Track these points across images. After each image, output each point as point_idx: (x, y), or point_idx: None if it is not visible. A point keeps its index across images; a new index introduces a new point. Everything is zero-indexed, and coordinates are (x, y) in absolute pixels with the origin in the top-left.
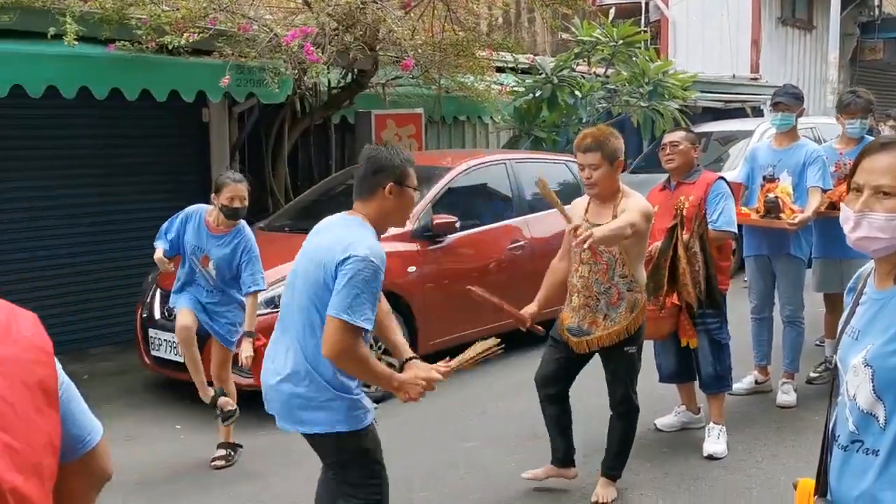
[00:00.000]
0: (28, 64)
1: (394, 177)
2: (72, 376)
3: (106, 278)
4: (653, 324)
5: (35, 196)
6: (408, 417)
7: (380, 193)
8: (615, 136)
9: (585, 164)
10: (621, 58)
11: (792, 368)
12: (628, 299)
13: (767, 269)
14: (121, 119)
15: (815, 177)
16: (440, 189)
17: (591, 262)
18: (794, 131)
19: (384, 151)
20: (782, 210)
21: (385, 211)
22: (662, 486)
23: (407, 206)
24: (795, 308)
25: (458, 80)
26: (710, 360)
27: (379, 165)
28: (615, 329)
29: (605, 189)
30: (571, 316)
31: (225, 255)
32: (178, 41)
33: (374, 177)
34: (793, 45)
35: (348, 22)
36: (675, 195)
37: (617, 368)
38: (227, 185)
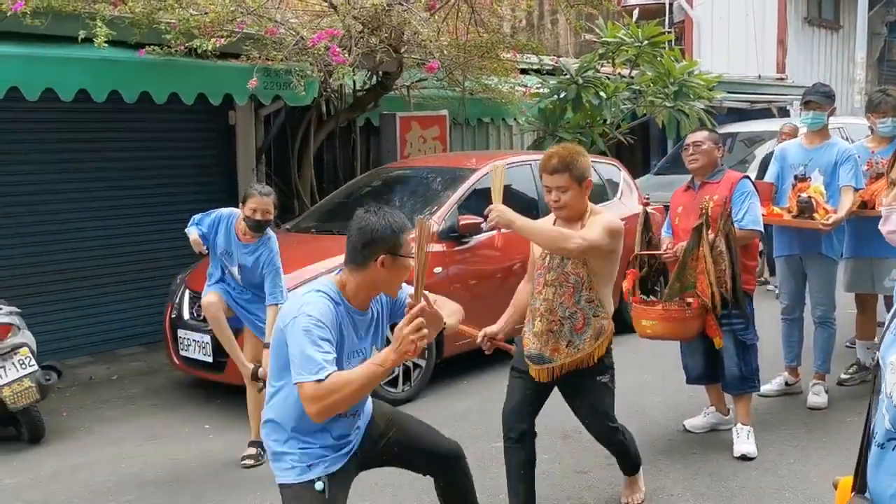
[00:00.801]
0: (59, 68)
1: (386, 248)
2: (101, 377)
3: (134, 279)
4: (680, 324)
5: (65, 198)
6: (437, 417)
7: (372, 265)
8: (583, 154)
9: (553, 186)
10: (646, 58)
11: (823, 370)
12: (594, 325)
13: (799, 269)
14: (149, 122)
15: (848, 176)
16: (466, 190)
17: (556, 283)
18: (825, 130)
19: (375, 220)
20: (815, 210)
21: (376, 282)
22: (692, 486)
23: (400, 276)
24: (827, 308)
25: (482, 82)
26: (734, 360)
27: (370, 238)
28: (578, 357)
29: (575, 211)
30: (533, 341)
31: (248, 264)
32: (206, 45)
33: (364, 249)
34: (819, 45)
35: (374, 24)
36: (700, 195)
37: (591, 401)
38: (252, 196)
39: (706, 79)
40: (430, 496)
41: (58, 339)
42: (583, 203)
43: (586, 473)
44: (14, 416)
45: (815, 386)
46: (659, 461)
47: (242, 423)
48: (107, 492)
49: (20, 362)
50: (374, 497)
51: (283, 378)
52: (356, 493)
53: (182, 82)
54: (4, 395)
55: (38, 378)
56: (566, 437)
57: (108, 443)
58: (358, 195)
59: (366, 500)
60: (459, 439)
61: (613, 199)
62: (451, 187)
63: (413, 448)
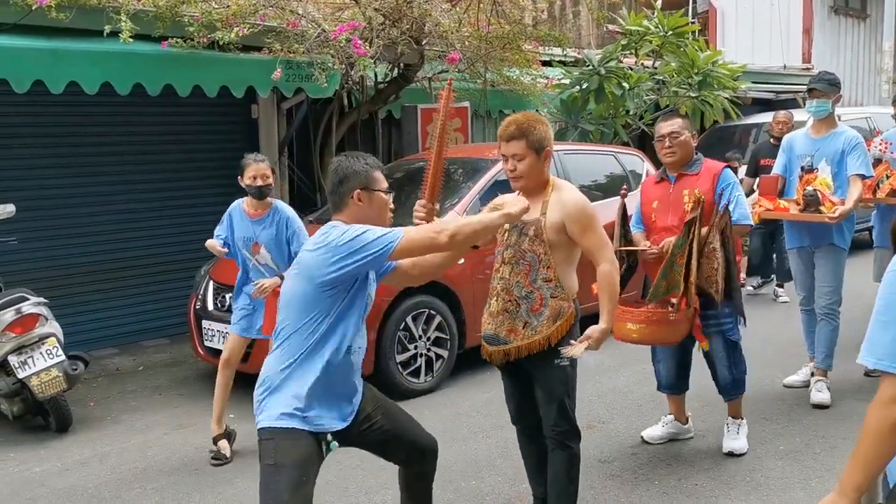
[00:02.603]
0: (84, 61)
1: (359, 183)
2: (127, 368)
3: (158, 272)
4: (669, 328)
5: (89, 192)
6: (459, 407)
7: (350, 202)
8: (542, 122)
9: (508, 154)
10: (670, 48)
11: (825, 365)
12: (552, 306)
13: (810, 260)
14: (172, 116)
15: (856, 164)
16: (487, 181)
17: (512, 261)
18: (831, 119)
19: (346, 160)
20: (822, 203)
21: (359, 217)
22: (716, 476)
23: (381, 209)
24: (832, 301)
25: (503, 73)
26: (725, 362)
27: (342, 175)
28: (535, 339)
29: (532, 181)
30: (489, 322)
31: (272, 236)
32: (228, 37)
33: (340, 187)
34: (846, 34)
35: (395, 16)
36: (678, 188)
37: (549, 385)
38: (247, 165)
39: (731, 69)
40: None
41: (84, 331)
42: (542, 174)
43: (610, 463)
44: (42, 405)
45: (817, 382)
46: (686, 450)
47: None
48: (133, 479)
49: (48, 352)
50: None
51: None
52: (363, 488)
53: (205, 75)
54: (32, 385)
55: (66, 368)
56: (590, 426)
57: (134, 432)
58: None
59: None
60: (482, 429)
61: (636, 189)
62: (473, 178)
63: (397, 437)
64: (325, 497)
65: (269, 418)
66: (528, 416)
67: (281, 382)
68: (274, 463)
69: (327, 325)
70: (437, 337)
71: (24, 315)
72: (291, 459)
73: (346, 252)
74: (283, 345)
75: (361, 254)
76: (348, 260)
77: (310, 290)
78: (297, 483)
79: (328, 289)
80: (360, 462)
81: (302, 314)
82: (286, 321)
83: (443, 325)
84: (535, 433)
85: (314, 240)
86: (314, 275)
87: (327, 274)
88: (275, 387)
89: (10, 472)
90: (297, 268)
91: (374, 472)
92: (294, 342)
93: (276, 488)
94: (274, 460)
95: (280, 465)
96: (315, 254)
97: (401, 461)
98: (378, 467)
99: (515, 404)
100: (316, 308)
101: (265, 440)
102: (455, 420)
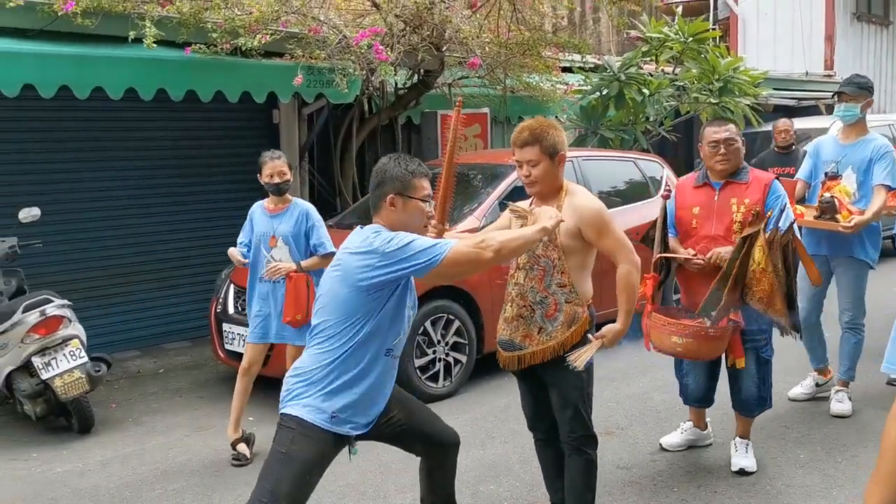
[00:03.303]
0: (109, 67)
1: (395, 188)
2: (148, 370)
3: (180, 275)
4: (712, 343)
5: (113, 196)
6: (478, 412)
7: (384, 205)
8: (555, 128)
9: (523, 160)
10: (691, 55)
11: (847, 377)
12: (566, 312)
13: (826, 270)
14: (195, 122)
15: (882, 174)
16: (506, 186)
17: (527, 267)
18: (861, 124)
19: (390, 163)
20: (839, 211)
21: (393, 222)
22: (737, 484)
23: (415, 217)
24: (856, 314)
25: (523, 79)
26: (755, 379)
27: (382, 177)
28: (550, 345)
29: (547, 187)
30: (504, 328)
31: (289, 229)
32: (250, 43)
33: (378, 189)
34: (869, 41)
35: (416, 22)
36: (724, 195)
37: (563, 391)
38: (264, 163)
39: (752, 75)
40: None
41: (107, 334)
42: (556, 179)
43: (628, 469)
44: (65, 406)
45: (838, 393)
46: (701, 458)
47: None
48: (154, 480)
49: (71, 354)
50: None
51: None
52: (381, 492)
53: (227, 80)
54: (56, 386)
55: (88, 369)
56: (608, 432)
57: (155, 433)
58: None
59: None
60: (499, 434)
61: (656, 196)
62: (492, 184)
63: (416, 431)
64: (344, 501)
65: (296, 407)
66: (544, 421)
67: (318, 377)
68: (286, 452)
69: (369, 328)
70: (455, 342)
71: (48, 317)
72: (304, 456)
73: (392, 259)
74: (322, 344)
75: (408, 262)
76: (394, 266)
77: (352, 293)
78: (300, 480)
79: (372, 292)
80: (379, 465)
81: (343, 317)
82: (327, 322)
83: (461, 329)
84: (551, 439)
85: (357, 242)
86: (358, 277)
87: (372, 278)
88: (311, 380)
89: (32, 472)
90: (338, 269)
91: (392, 475)
92: (335, 343)
93: (279, 477)
94: (287, 449)
95: (291, 458)
96: (358, 257)
97: (420, 453)
98: (397, 470)
99: (531, 410)
100: (358, 311)
101: (286, 427)
102: (473, 425)
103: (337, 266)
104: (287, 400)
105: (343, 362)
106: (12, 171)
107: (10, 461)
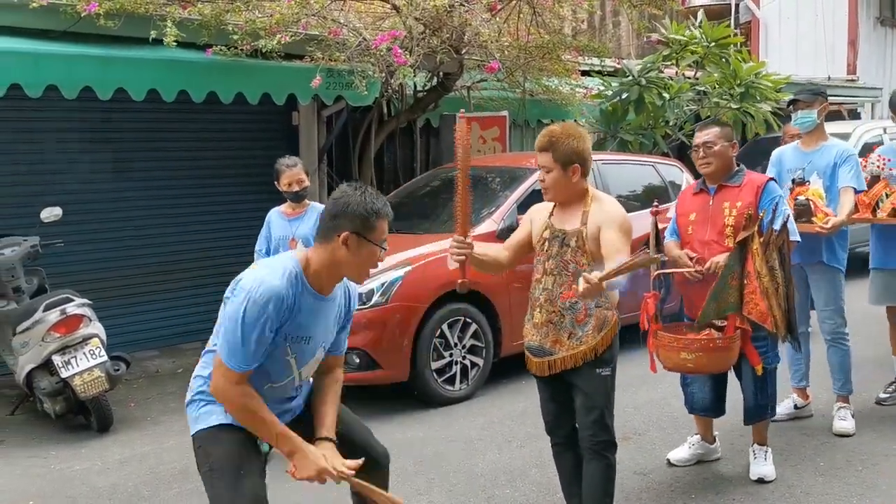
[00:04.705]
0: (131, 68)
1: (354, 226)
2: (167, 370)
3: (198, 276)
4: (723, 354)
5: (133, 196)
6: (494, 416)
7: (334, 240)
8: (576, 137)
9: (540, 164)
10: (713, 59)
11: (845, 391)
12: (596, 316)
13: (801, 278)
14: (215, 122)
15: (848, 177)
16: (525, 190)
17: (555, 272)
18: (820, 131)
19: (354, 195)
20: (814, 213)
21: (336, 261)
22: (756, 492)
23: (364, 263)
24: (836, 323)
25: (542, 83)
26: (752, 388)
27: (340, 210)
28: (581, 349)
29: (559, 195)
30: (533, 333)
31: (308, 230)
32: (271, 44)
33: (332, 220)
34: (892, 46)
35: (435, 25)
36: (718, 200)
37: (590, 394)
38: (281, 173)
39: (774, 80)
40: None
41: (125, 333)
42: (568, 188)
43: (646, 475)
44: (84, 404)
45: (840, 410)
46: (719, 465)
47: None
48: (172, 479)
49: (90, 352)
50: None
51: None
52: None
53: (247, 82)
54: (75, 384)
55: (108, 368)
56: (626, 438)
57: (173, 433)
58: (417, 195)
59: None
60: (515, 437)
61: (675, 201)
62: (510, 187)
63: (349, 441)
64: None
65: (194, 426)
66: (564, 426)
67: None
68: (209, 468)
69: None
70: (472, 345)
71: (68, 316)
72: (220, 458)
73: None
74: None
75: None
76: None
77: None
78: (234, 479)
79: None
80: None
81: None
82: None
83: (478, 333)
84: (570, 444)
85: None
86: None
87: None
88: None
89: (51, 469)
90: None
91: (408, 478)
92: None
93: (218, 493)
94: (208, 465)
95: (213, 469)
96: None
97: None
98: (413, 473)
99: (553, 414)
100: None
101: (196, 449)
102: (489, 428)
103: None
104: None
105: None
106: (35, 171)
107: (30, 458)
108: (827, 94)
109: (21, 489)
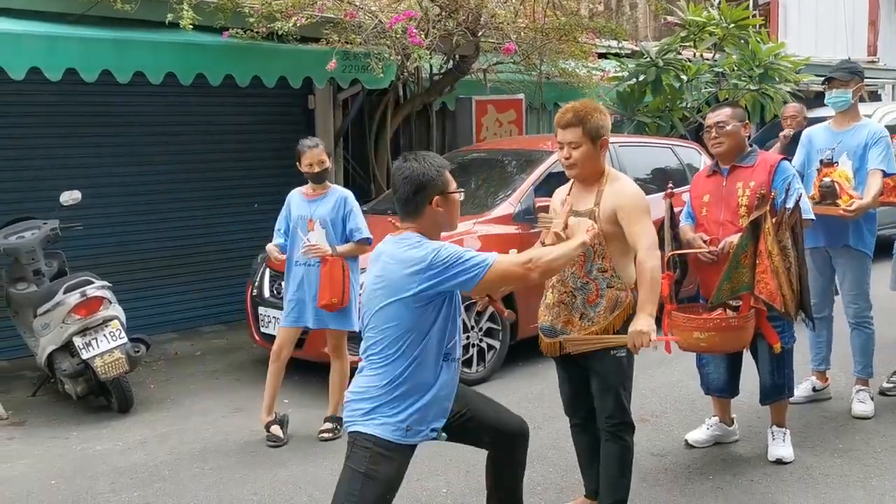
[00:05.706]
0: (149, 52)
1: (437, 189)
2: (186, 352)
3: (216, 260)
4: (738, 334)
5: (151, 180)
6: (511, 398)
7: (428, 210)
8: (600, 111)
9: (564, 141)
10: (731, 41)
11: (865, 374)
12: (608, 297)
13: (826, 262)
14: (231, 106)
15: (877, 159)
16: (541, 172)
17: None
18: (854, 110)
19: (417, 166)
20: (839, 196)
21: (437, 223)
22: (774, 472)
23: (455, 211)
24: (861, 307)
25: (559, 65)
26: (768, 367)
27: (419, 184)
28: (593, 330)
29: (587, 170)
30: (545, 314)
31: (327, 212)
32: (286, 27)
33: (416, 196)
34: None
35: (451, 7)
36: (731, 181)
37: (604, 376)
38: (302, 153)
39: (793, 61)
40: None
41: (145, 316)
42: (597, 164)
43: (663, 456)
44: (104, 385)
45: (859, 392)
46: (737, 446)
47: (320, 399)
48: (191, 459)
49: (111, 334)
50: (447, 475)
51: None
52: (413, 473)
53: (264, 65)
54: (96, 365)
55: (128, 350)
56: (643, 420)
57: (193, 414)
58: None
59: (438, 477)
60: (533, 419)
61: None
62: (527, 170)
63: (482, 424)
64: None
65: (369, 426)
66: (581, 407)
67: (385, 398)
68: (365, 473)
69: (425, 343)
70: (489, 327)
71: (88, 298)
72: (386, 477)
73: (441, 270)
74: (380, 366)
75: (457, 275)
76: (442, 277)
77: (400, 307)
78: (382, 500)
79: (420, 305)
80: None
81: (396, 336)
82: (381, 342)
83: (495, 315)
84: (588, 425)
85: (400, 253)
86: (405, 289)
87: (420, 290)
88: (378, 401)
89: (72, 449)
90: (381, 282)
91: (425, 459)
92: (393, 362)
93: (361, 498)
94: (366, 470)
95: (372, 478)
96: (404, 267)
97: (487, 445)
98: (430, 454)
99: (569, 395)
100: (411, 329)
101: (360, 446)
102: (517, 408)
103: (380, 278)
104: (356, 419)
105: (406, 379)
106: (54, 155)
107: (51, 439)
108: (864, 75)
109: (42, 469)
